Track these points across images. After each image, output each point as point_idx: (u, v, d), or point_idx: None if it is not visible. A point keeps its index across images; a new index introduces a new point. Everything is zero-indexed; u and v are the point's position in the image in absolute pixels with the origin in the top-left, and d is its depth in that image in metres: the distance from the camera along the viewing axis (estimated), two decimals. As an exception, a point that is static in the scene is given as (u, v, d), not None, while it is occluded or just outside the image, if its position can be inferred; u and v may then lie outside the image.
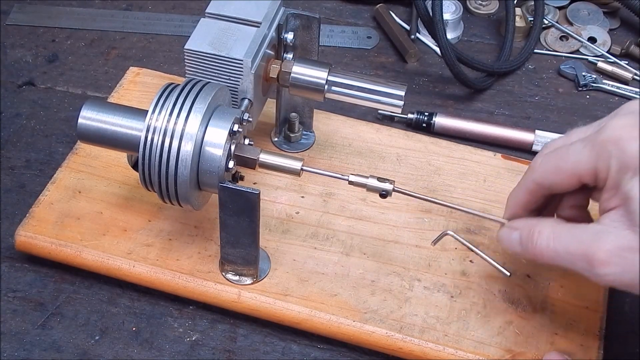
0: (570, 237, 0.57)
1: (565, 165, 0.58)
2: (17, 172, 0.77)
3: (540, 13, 0.91)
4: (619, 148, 0.54)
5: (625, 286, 0.55)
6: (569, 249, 0.57)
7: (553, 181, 0.59)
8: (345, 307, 0.66)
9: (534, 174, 0.60)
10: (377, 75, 0.88)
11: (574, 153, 0.57)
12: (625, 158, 0.54)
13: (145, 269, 0.68)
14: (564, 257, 0.57)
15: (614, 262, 0.54)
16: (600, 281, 0.56)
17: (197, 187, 0.63)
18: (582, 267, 0.56)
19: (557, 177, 0.59)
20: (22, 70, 0.87)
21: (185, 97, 0.62)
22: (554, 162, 0.59)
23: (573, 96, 0.87)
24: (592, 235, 0.56)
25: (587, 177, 0.57)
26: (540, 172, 0.60)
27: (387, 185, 0.63)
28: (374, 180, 0.63)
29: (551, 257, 0.58)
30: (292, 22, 0.70)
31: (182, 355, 0.66)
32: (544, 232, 0.58)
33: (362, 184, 0.64)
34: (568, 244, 0.57)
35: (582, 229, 0.57)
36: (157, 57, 0.90)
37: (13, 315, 0.67)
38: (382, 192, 0.63)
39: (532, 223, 0.60)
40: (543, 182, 0.60)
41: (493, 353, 0.64)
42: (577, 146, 0.57)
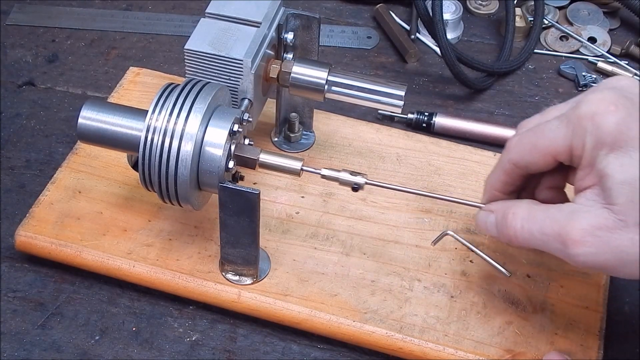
0: (544, 218, 0.56)
1: (541, 144, 0.57)
2: (17, 172, 0.77)
3: (540, 13, 0.91)
4: (594, 123, 0.53)
5: (600, 267, 0.54)
6: (543, 229, 0.55)
7: (529, 160, 0.58)
8: (345, 307, 0.66)
9: (509, 154, 0.59)
10: (377, 75, 0.88)
11: (550, 130, 0.56)
12: (600, 134, 0.53)
13: (145, 269, 0.68)
14: (538, 237, 0.56)
15: (589, 241, 0.53)
16: (575, 262, 0.54)
17: (197, 187, 0.63)
18: (556, 248, 0.55)
19: (532, 156, 0.58)
20: (22, 70, 0.87)
21: (185, 97, 0.62)
22: (529, 140, 0.58)
23: (573, 96, 0.86)
24: (566, 214, 0.55)
25: (563, 155, 0.56)
26: (516, 151, 0.59)
27: (359, 178, 0.63)
28: (346, 173, 0.63)
29: (525, 238, 0.57)
30: (292, 22, 0.70)
31: (182, 355, 0.66)
32: (519, 213, 0.57)
33: (334, 177, 0.63)
34: (542, 224, 0.56)
35: (557, 209, 0.56)
36: (157, 57, 0.90)
37: (13, 315, 0.67)
38: (354, 186, 0.63)
39: (508, 205, 0.59)
40: (519, 162, 0.59)
41: (493, 353, 0.64)
42: (553, 123, 0.56)
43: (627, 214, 0.52)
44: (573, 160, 0.56)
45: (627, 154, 0.53)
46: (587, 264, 0.54)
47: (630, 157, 0.53)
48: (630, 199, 0.52)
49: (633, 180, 0.52)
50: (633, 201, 0.52)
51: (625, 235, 0.53)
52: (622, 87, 0.56)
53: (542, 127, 0.57)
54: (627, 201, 0.52)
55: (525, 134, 0.59)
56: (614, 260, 0.53)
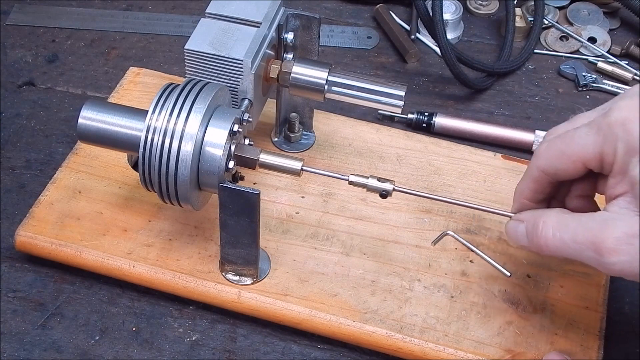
0: (576, 226, 0.55)
1: (570, 151, 0.56)
2: (17, 172, 0.77)
3: (541, 13, 0.91)
4: (626, 130, 0.53)
5: (634, 275, 0.53)
6: (576, 238, 0.55)
7: (558, 167, 0.57)
8: (345, 307, 0.66)
9: (538, 161, 0.59)
10: (377, 75, 0.88)
11: (579, 137, 0.56)
12: (632, 140, 0.53)
13: (145, 269, 0.68)
14: (570, 246, 0.55)
15: (623, 250, 0.52)
16: (609, 270, 0.54)
17: (197, 187, 0.63)
18: (589, 257, 0.54)
19: (562, 163, 0.57)
20: (22, 71, 0.87)
21: (185, 97, 0.62)
22: (558, 147, 0.57)
23: (573, 96, 0.87)
24: (599, 223, 0.54)
25: (593, 162, 0.55)
26: (545, 158, 0.58)
27: (388, 185, 0.63)
28: (374, 180, 0.63)
29: (557, 247, 0.56)
30: (292, 22, 0.70)
31: (182, 355, 0.66)
32: (549, 222, 0.57)
33: (362, 184, 0.63)
34: (575, 232, 0.55)
35: (589, 217, 0.55)
36: (157, 57, 0.90)
37: (13, 316, 0.67)
38: (383, 192, 0.63)
39: (538, 214, 0.58)
40: (548, 169, 0.58)
41: (493, 353, 0.64)
42: (582, 130, 0.56)
43: None
44: (604, 167, 0.55)
45: None
46: (623, 272, 0.54)
47: None
48: None
49: None
50: None
51: None
52: None
53: (572, 134, 0.57)
54: None
55: (554, 141, 0.58)
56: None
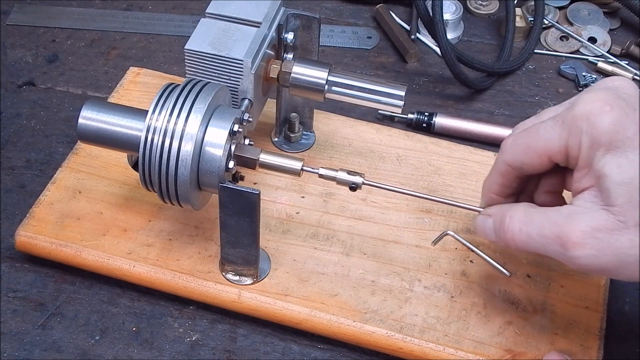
0: (542, 220, 0.55)
1: (536, 144, 0.56)
2: (17, 172, 0.77)
3: (541, 13, 0.91)
4: (590, 123, 0.53)
5: (600, 270, 0.54)
6: (542, 232, 0.55)
7: (523, 161, 0.58)
8: (346, 307, 0.66)
9: (504, 155, 0.59)
10: (377, 75, 0.88)
11: (544, 131, 0.56)
12: (596, 134, 0.53)
13: (145, 269, 0.68)
14: (536, 240, 0.55)
15: (589, 243, 0.53)
16: (574, 264, 0.54)
17: (197, 187, 0.63)
18: (555, 251, 0.54)
19: (527, 156, 0.57)
20: (22, 71, 0.87)
21: (185, 97, 0.62)
22: (523, 141, 0.57)
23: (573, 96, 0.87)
24: (565, 217, 0.54)
25: (558, 155, 0.56)
26: (511, 152, 0.58)
27: (357, 178, 0.63)
28: (344, 173, 0.63)
29: (523, 241, 0.56)
30: (292, 22, 0.70)
31: (182, 355, 0.66)
32: (516, 216, 0.57)
33: (331, 177, 0.63)
34: (540, 227, 0.55)
35: (555, 211, 0.55)
36: (157, 57, 0.90)
37: (13, 316, 0.68)
38: (352, 185, 0.63)
39: (505, 208, 0.59)
40: (514, 163, 0.58)
41: (493, 353, 0.64)
42: (548, 124, 0.56)
43: (627, 215, 0.52)
44: (569, 161, 0.56)
45: (624, 155, 0.52)
46: (587, 267, 0.54)
47: (627, 157, 0.52)
48: (629, 200, 0.52)
49: (631, 180, 0.52)
50: (632, 202, 0.52)
51: (625, 237, 0.52)
52: (617, 87, 0.55)
53: (537, 128, 0.57)
54: (626, 202, 0.52)
55: (519, 135, 0.58)
56: (614, 262, 0.53)
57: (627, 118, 0.53)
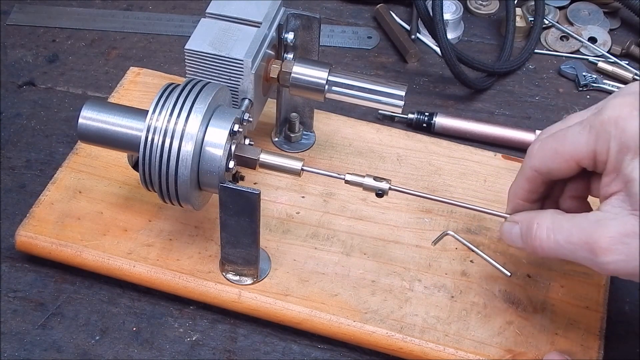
0: (570, 227, 0.55)
1: (563, 149, 0.56)
2: (17, 172, 0.78)
3: (541, 13, 0.91)
4: (619, 128, 0.53)
5: (629, 275, 0.54)
6: (570, 238, 0.55)
7: (551, 166, 0.58)
8: (346, 307, 0.66)
9: (532, 160, 0.59)
10: (377, 75, 0.88)
11: (572, 136, 0.56)
12: (625, 138, 0.53)
13: (145, 269, 0.68)
14: (565, 247, 0.55)
15: (618, 249, 0.52)
16: (604, 270, 0.54)
17: (197, 187, 0.63)
18: (584, 257, 0.54)
19: (555, 161, 0.57)
20: (22, 70, 0.87)
21: (185, 97, 0.62)
22: (551, 146, 0.57)
23: (573, 96, 0.87)
24: (593, 223, 0.54)
25: (586, 160, 0.55)
26: (538, 157, 0.58)
27: (384, 184, 0.63)
28: (370, 179, 0.63)
29: (552, 248, 0.56)
30: (293, 22, 0.70)
31: (182, 355, 0.66)
32: (543, 223, 0.57)
33: (358, 183, 0.64)
34: (569, 233, 0.55)
35: (583, 218, 0.55)
36: (158, 57, 0.90)
37: (13, 315, 0.68)
38: (379, 192, 0.63)
39: (532, 215, 0.59)
40: (541, 168, 0.58)
41: (493, 353, 0.64)
42: (575, 129, 0.56)
43: None
44: (597, 166, 0.55)
45: None
46: (617, 272, 0.54)
47: None
48: None
49: None
50: None
51: None
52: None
53: (564, 133, 0.57)
54: None
55: (546, 140, 0.58)
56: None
57: None
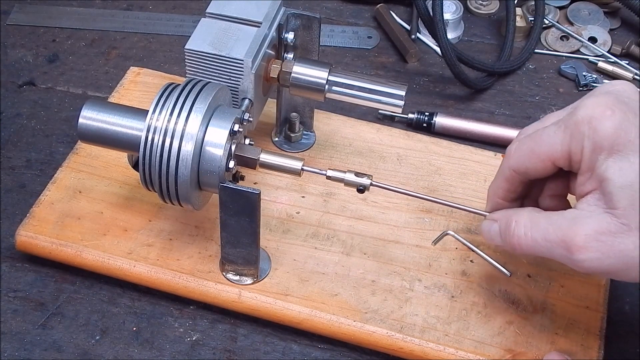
0: (547, 224, 0.56)
1: (539, 149, 0.57)
2: (17, 172, 0.78)
3: (541, 13, 0.91)
4: (592, 128, 0.54)
5: (605, 272, 0.55)
6: (547, 236, 0.56)
7: (528, 166, 0.58)
8: (346, 307, 0.66)
9: (509, 161, 0.60)
10: (377, 75, 0.88)
11: (548, 136, 0.57)
12: (598, 138, 0.53)
13: (145, 268, 0.68)
14: (541, 245, 0.56)
15: (592, 247, 0.53)
16: (579, 267, 0.55)
17: (197, 187, 0.63)
18: (560, 254, 0.55)
19: (531, 161, 0.58)
20: (22, 70, 0.87)
21: (185, 97, 0.62)
22: (528, 146, 0.58)
23: (574, 96, 0.87)
24: (569, 220, 0.55)
25: (561, 160, 0.56)
26: (515, 157, 0.59)
27: (365, 180, 0.63)
28: (352, 175, 0.63)
29: (529, 245, 0.57)
30: (293, 22, 0.70)
31: (182, 355, 0.66)
32: (521, 221, 0.58)
33: (339, 178, 0.64)
34: (545, 231, 0.56)
35: (559, 216, 0.56)
36: (158, 57, 0.90)
37: (13, 315, 0.68)
38: (360, 187, 0.63)
39: (510, 213, 0.59)
40: (518, 168, 0.59)
41: (493, 353, 0.64)
42: (551, 129, 0.57)
43: (629, 217, 0.53)
44: (572, 165, 0.56)
45: (626, 158, 0.53)
46: (592, 269, 0.54)
47: (629, 160, 0.53)
48: (632, 203, 0.52)
49: (633, 183, 0.52)
50: (634, 205, 0.52)
51: (628, 239, 0.53)
52: (618, 91, 0.56)
53: (540, 133, 0.57)
54: (628, 205, 0.53)
55: (523, 140, 0.59)
56: (618, 264, 0.53)
57: (629, 122, 0.53)
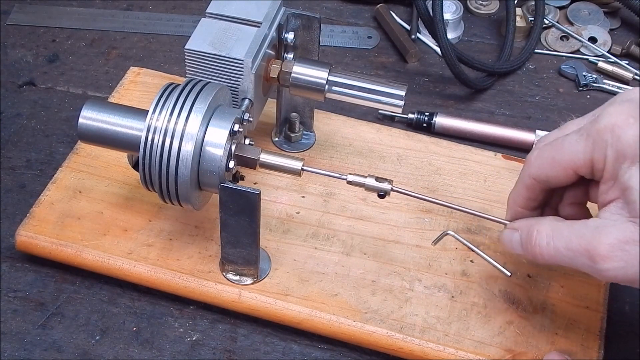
0: (569, 234, 0.56)
1: (561, 157, 0.57)
2: (17, 172, 0.78)
3: (541, 13, 0.91)
4: (615, 136, 0.53)
5: (628, 281, 0.54)
6: (569, 245, 0.55)
7: (549, 174, 0.58)
8: (346, 307, 0.66)
9: (530, 169, 0.59)
10: (377, 75, 0.88)
11: (570, 144, 0.56)
12: (621, 146, 0.53)
13: (145, 268, 0.68)
14: (564, 254, 0.56)
15: (616, 256, 0.53)
16: (603, 277, 0.54)
17: (197, 187, 0.63)
18: (583, 264, 0.55)
19: (553, 170, 0.58)
20: (22, 70, 0.87)
21: (185, 97, 0.62)
22: (549, 154, 0.58)
23: (573, 96, 0.87)
24: (592, 230, 0.54)
25: (583, 168, 0.56)
26: (536, 166, 0.59)
27: (386, 185, 0.63)
28: (372, 180, 0.63)
29: (551, 255, 0.57)
30: (293, 22, 0.70)
31: (182, 355, 0.66)
32: (543, 230, 0.57)
33: (360, 183, 0.64)
34: (568, 240, 0.55)
35: (582, 225, 0.56)
36: (158, 57, 0.90)
37: (13, 315, 0.68)
38: (380, 192, 0.63)
39: (531, 222, 0.59)
40: (539, 176, 0.59)
41: (494, 353, 0.64)
42: (573, 137, 0.56)
43: None
44: (594, 173, 0.56)
45: None
46: (616, 279, 0.54)
47: None
48: None
49: None
50: None
51: None
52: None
53: (562, 141, 0.57)
54: None
55: (544, 148, 0.58)
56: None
57: None
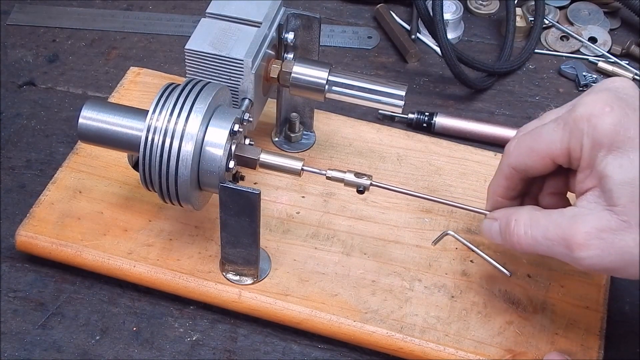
0: (547, 223, 0.56)
1: (539, 147, 0.57)
2: (17, 172, 0.78)
3: (541, 13, 0.91)
4: (592, 125, 0.54)
5: (605, 269, 0.54)
6: (547, 234, 0.56)
7: (527, 164, 0.58)
8: (346, 307, 0.66)
9: (509, 158, 0.60)
10: (377, 75, 0.88)
11: (547, 133, 0.57)
12: (597, 135, 0.53)
13: (145, 268, 0.68)
14: (542, 243, 0.56)
15: (593, 244, 0.53)
16: (580, 265, 0.55)
17: (197, 187, 0.63)
18: (561, 253, 0.55)
19: (531, 159, 0.58)
20: (22, 70, 0.87)
21: (185, 97, 0.62)
22: (527, 144, 0.58)
23: (574, 96, 0.87)
24: (569, 218, 0.55)
25: (561, 157, 0.56)
26: (515, 155, 0.59)
27: (365, 180, 0.63)
28: (351, 175, 0.63)
29: (529, 244, 0.57)
30: (293, 22, 0.70)
31: (182, 355, 0.66)
32: (521, 219, 0.58)
33: (339, 179, 0.64)
34: (545, 229, 0.56)
35: (559, 214, 0.56)
36: (158, 57, 0.90)
37: (13, 315, 0.68)
38: (360, 188, 0.63)
39: (510, 212, 0.59)
40: (518, 165, 0.59)
41: (493, 353, 0.64)
42: (550, 126, 0.57)
43: (629, 214, 0.53)
44: (572, 162, 0.56)
45: (625, 155, 0.53)
46: (593, 267, 0.54)
47: (628, 157, 0.53)
48: (631, 200, 0.52)
49: (633, 180, 0.52)
50: (634, 202, 0.52)
51: (628, 236, 0.53)
52: (617, 88, 0.56)
53: (539, 130, 0.57)
54: (628, 202, 0.53)
55: (522, 138, 0.59)
56: (619, 261, 0.53)
57: (628, 119, 0.53)
